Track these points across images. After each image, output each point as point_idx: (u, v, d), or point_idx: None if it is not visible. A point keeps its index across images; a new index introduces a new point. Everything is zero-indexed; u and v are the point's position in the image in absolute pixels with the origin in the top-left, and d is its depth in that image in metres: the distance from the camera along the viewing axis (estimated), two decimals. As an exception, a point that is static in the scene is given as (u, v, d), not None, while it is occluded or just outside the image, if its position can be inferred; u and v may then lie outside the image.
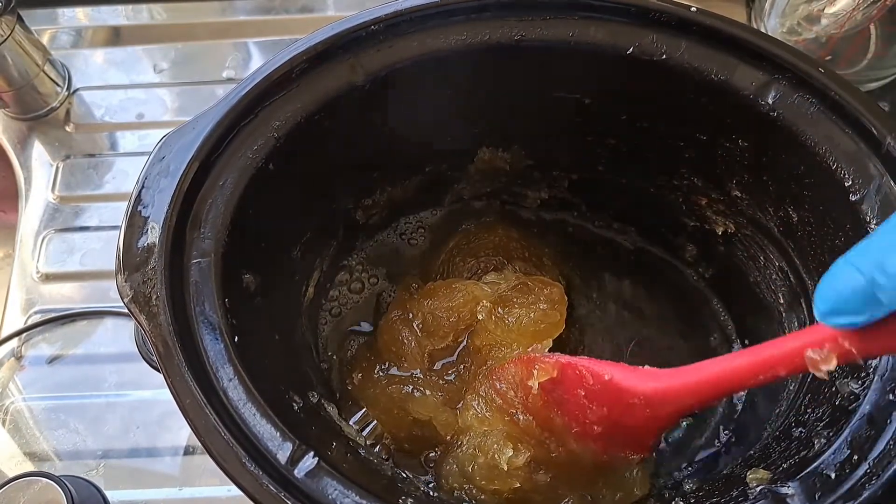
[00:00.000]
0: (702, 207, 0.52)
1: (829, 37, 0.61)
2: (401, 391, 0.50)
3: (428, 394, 0.49)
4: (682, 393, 0.38)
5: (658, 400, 0.39)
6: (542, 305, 0.50)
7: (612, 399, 0.40)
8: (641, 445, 0.42)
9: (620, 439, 0.42)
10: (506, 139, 0.54)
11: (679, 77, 0.45)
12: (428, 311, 0.51)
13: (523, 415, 0.45)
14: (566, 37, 0.45)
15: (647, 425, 0.40)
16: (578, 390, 0.42)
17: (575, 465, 0.44)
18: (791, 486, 0.35)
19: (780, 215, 0.47)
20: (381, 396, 0.50)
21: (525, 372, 0.45)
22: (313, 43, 0.43)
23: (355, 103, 0.45)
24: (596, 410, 0.41)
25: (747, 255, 0.52)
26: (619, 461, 0.43)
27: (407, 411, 0.49)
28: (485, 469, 0.44)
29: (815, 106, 0.42)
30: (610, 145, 0.52)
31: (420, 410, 0.49)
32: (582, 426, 0.42)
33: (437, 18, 0.45)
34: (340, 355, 0.54)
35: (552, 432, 0.44)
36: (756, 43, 0.43)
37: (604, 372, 0.41)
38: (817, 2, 0.60)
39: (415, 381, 0.50)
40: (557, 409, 0.43)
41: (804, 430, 0.39)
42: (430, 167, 0.55)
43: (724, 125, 0.46)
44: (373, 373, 0.51)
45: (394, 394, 0.50)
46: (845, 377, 0.39)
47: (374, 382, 0.51)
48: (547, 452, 0.45)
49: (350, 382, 0.52)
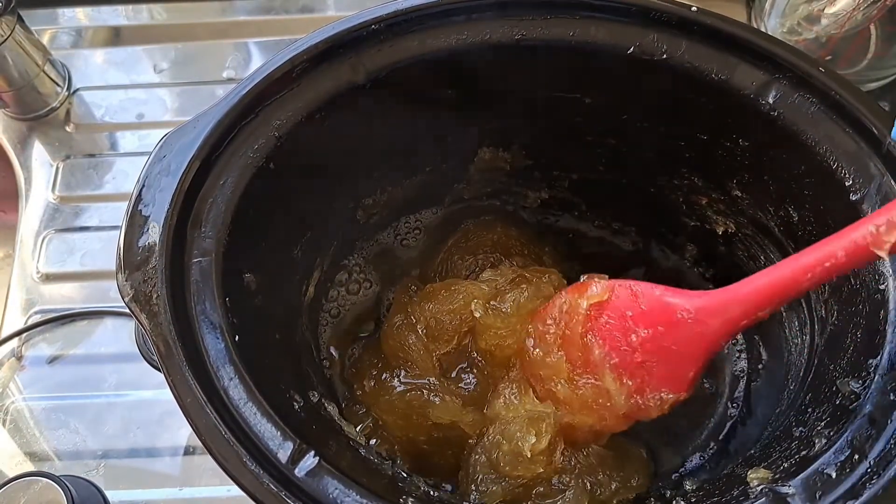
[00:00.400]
0: (702, 207, 0.52)
1: (829, 37, 0.61)
2: (420, 398, 0.49)
3: (447, 399, 0.49)
4: (733, 303, 0.38)
5: (709, 312, 0.39)
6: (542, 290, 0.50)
7: (660, 317, 0.40)
8: (682, 379, 0.41)
9: (661, 371, 0.41)
10: (506, 139, 0.54)
11: (679, 77, 0.45)
12: (431, 316, 0.50)
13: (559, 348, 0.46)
14: (567, 36, 0.45)
15: (694, 347, 0.40)
16: (626, 311, 0.42)
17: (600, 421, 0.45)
18: (792, 485, 0.35)
19: (780, 215, 0.47)
20: (397, 403, 0.50)
21: (576, 296, 0.45)
22: (314, 42, 0.43)
23: (356, 103, 0.45)
24: (641, 333, 0.41)
25: (748, 255, 0.52)
26: (648, 408, 0.43)
27: (426, 416, 0.49)
28: (509, 456, 0.45)
29: (816, 105, 0.42)
30: (610, 145, 0.52)
31: (442, 416, 0.48)
32: (622, 356, 0.42)
33: (438, 18, 0.45)
34: (342, 355, 0.54)
35: (588, 368, 0.44)
36: (756, 43, 0.43)
37: (655, 289, 0.41)
38: (817, 2, 0.60)
39: (432, 387, 0.50)
40: (599, 337, 0.43)
41: (805, 430, 0.39)
42: (431, 167, 0.55)
43: (725, 125, 0.46)
44: (383, 379, 0.51)
45: (412, 401, 0.49)
46: (846, 376, 0.39)
47: (388, 389, 0.50)
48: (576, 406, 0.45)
49: (359, 388, 0.52)
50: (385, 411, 0.50)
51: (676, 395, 0.41)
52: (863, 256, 0.33)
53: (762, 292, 0.37)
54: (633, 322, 0.42)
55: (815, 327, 0.46)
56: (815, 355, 0.45)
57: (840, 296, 0.43)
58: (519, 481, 0.46)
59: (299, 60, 0.43)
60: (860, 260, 0.34)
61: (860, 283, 0.41)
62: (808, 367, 0.45)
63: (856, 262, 0.34)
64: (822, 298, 0.45)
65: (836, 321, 0.43)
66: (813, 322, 0.46)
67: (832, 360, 0.42)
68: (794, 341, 0.49)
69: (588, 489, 0.46)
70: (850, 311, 0.41)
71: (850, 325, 0.41)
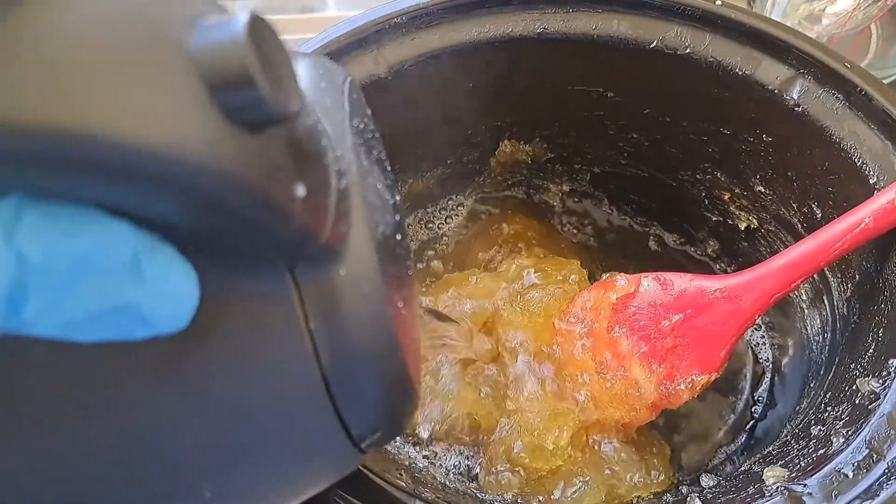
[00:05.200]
0: (724, 202, 0.52)
1: (830, 37, 0.60)
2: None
3: (464, 391, 0.49)
4: (767, 277, 0.40)
5: (743, 288, 0.40)
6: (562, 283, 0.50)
7: (691, 301, 0.42)
8: (713, 359, 0.42)
9: (692, 353, 0.42)
10: (527, 132, 0.54)
11: (703, 71, 0.44)
12: (446, 304, 0.51)
13: (584, 344, 0.46)
14: (589, 30, 0.45)
15: (727, 325, 0.41)
16: (655, 300, 0.43)
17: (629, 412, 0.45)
18: (808, 484, 0.34)
19: (803, 211, 0.46)
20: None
21: (602, 291, 0.46)
22: (336, 35, 0.43)
23: (378, 95, 0.45)
24: (673, 318, 0.42)
25: (770, 251, 0.52)
26: (678, 393, 0.44)
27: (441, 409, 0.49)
28: (530, 448, 0.45)
29: (841, 101, 0.41)
30: (632, 139, 0.52)
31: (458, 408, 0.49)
32: (652, 344, 0.43)
33: (460, 11, 0.45)
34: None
35: (616, 360, 0.45)
36: (782, 37, 0.42)
37: (684, 275, 0.43)
38: (818, 1, 0.60)
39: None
40: (627, 328, 0.44)
41: (823, 429, 0.39)
42: (452, 160, 0.55)
43: (748, 120, 0.45)
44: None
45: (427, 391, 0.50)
46: (866, 375, 0.39)
47: None
48: (605, 400, 0.45)
49: None
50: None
51: (708, 375, 0.43)
52: (890, 220, 0.36)
53: (794, 264, 0.39)
54: (664, 309, 0.43)
55: (836, 325, 0.45)
56: (836, 354, 0.44)
57: (863, 293, 0.42)
58: (537, 473, 0.46)
59: (321, 53, 0.43)
60: (888, 224, 0.37)
61: (883, 281, 0.40)
62: (829, 365, 0.45)
63: (884, 226, 0.37)
64: (844, 296, 0.44)
65: (857, 319, 0.43)
66: (835, 320, 0.46)
67: (853, 359, 0.41)
68: (815, 339, 0.48)
69: (607, 483, 0.46)
70: (873, 309, 0.41)
71: (872, 324, 0.41)
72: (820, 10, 0.60)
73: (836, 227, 0.38)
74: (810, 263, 0.39)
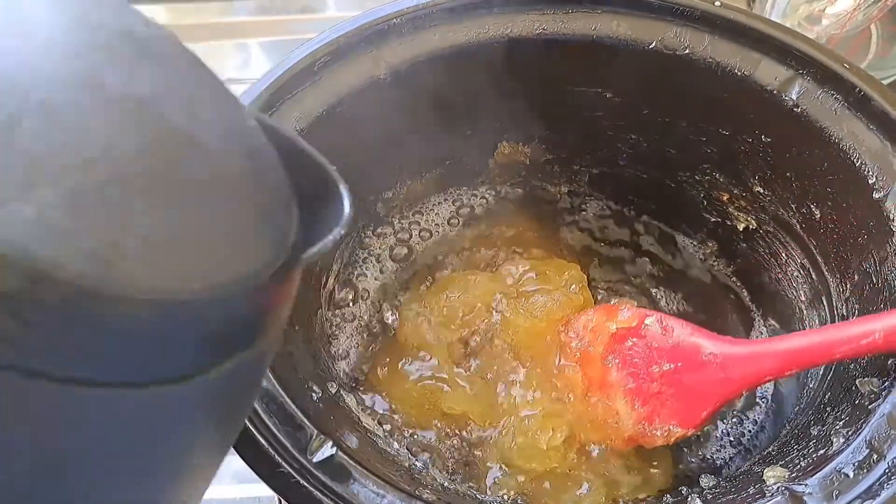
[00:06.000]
0: (723, 203, 0.52)
1: (829, 37, 0.60)
2: (432, 387, 0.50)
3: (460, 389, 0.49)
4: (763, 357, 0.39)
5: (737, 360, 0.39)
6: (564, 290, 0.50)
7: (686, 355, 0.41)
8: (693, 416, 0.42)
9: (674, 404, 0.42)
10: (526, 133, 0.54)
11: (702, 72, 0.44)
12: (444, 304, 0.51)
13: (573, 369, 0.46)
14: (588, 31, 0.45)
15: (713, 390, 0.40)
16: (653, 342, 0.43)
17: (605, 439, 0.45)
18: (808, 484, 0.34)
19: (802, 212, 0.46)
20: (411, 391, 0.50)
21: (605, 317, 0.46)
22: (335, 36, 0.43)
23: (377, 96, 0.45)
24: (663, 366, 0.42)
25: (769, 252, 0.52)
26: (654, 436, 0.43)
27: (437, 406, 0.49)
28: (524, 449, 0.45)
29: (840, 102, 0.42)
30: (631, 140, 0.52)
31: (453, 406, 0.49)
32: (639, 383, 0.43)
33: (459, 12, 0.45)
34: (360, 347, 0.55)
35: (604, 387, 0.45)
36: (780, 38, 0.43)
37: (686, 326, 0.42)
38: (818, 2, 0.60)
39: (444, 376, 0.50)
40: (620, 360, 0.44)
41: (823, 429, 0.39)
42: (450, 161, 0.55)
43: (747, 120, 0.45)
44: (397, 367, 0.51)
45: (425, 389, 0.50)
46: (867, 375, 0.39)
47: (401, 377, 0.51)
48: (585, 420, 0.45)
49: (374, 375, 0.52)
50: (398, 400, 0.50)
51: (685, 430, 0.42)
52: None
53: (795, 353, 0.38)
54: (658, 353, 0.42)
55: (836, 326, 0.45)
56: (836, 354, 0.44)
57: (862, 294, 0.42)
58: (533, 474, 0.46)
59: (320, 55, 0.43)
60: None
61: (882, 281, 0.40)
62: (828, 365, 0.45)
63: (893, 346, 0.35)
64: (843, 297, 0.44)
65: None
66: (834, 320, 0.46)
67: (852, 359, 0.41)
68: (814, 339, 0.48)
69: (607, 484, 0.46)
70: (872, 310, 0.41)
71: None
72: (820, 11, 0.60)
73: (848, 329, 0.36)
74: (810, 357, 0.38)
